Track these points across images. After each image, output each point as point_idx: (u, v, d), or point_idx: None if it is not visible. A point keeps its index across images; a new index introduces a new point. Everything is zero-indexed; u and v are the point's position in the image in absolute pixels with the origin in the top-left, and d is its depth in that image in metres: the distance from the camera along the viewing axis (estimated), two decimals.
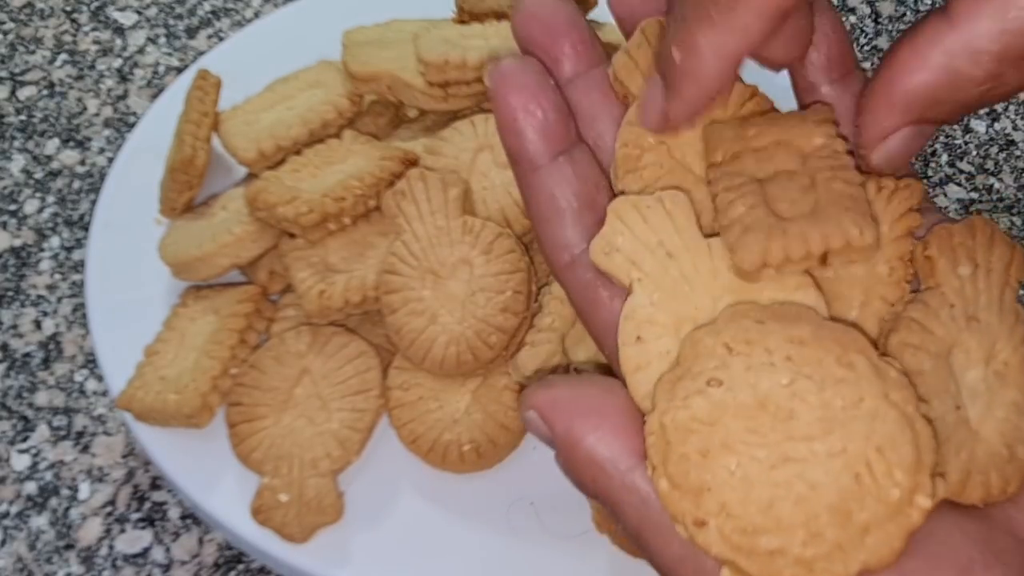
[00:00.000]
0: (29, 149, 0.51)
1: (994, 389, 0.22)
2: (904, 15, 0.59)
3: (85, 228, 0.47)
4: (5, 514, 0.40)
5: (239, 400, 0.36)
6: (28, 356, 0.44)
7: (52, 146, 0.51)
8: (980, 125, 0.54)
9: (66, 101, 0.53)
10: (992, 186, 0.51)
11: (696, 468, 0.20)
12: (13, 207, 0.49)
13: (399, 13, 0.42)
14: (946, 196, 0.51)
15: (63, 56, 0.55)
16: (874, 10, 0.59)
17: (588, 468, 0.22)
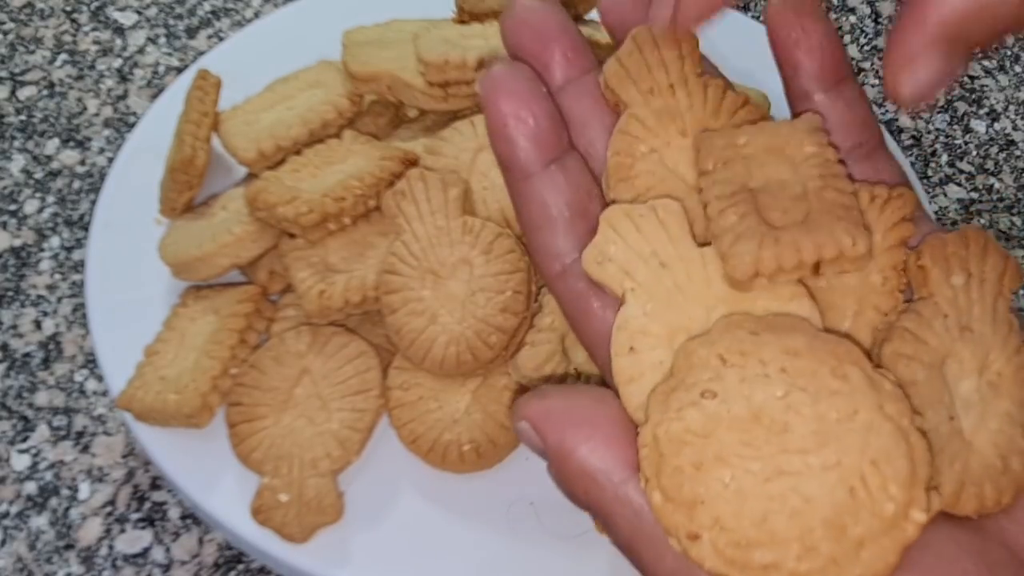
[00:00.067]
0: (29, 149, 0.51)
1: (987, 400, 0.22)
2: None
3: (85, 228, 0.47)
4: (5, 514, 0.40)
5: (239, 400, 0.36)
6: (28, 356, 0.44)
7: (52, 146, 0.51)
8: (980, 125, 0.54)
9: (66, 101, 0.53)
10: (992, 186, 0.51)
11: (690, 481, 0.20)
12: (13, 207, 0.49)
13: (399, 13, 0.42)
14: (946, 196, 0.51)
15: (63, 56, 0.55)
16: (874, 10, 0.59)
17: (580, 480, 0.22)
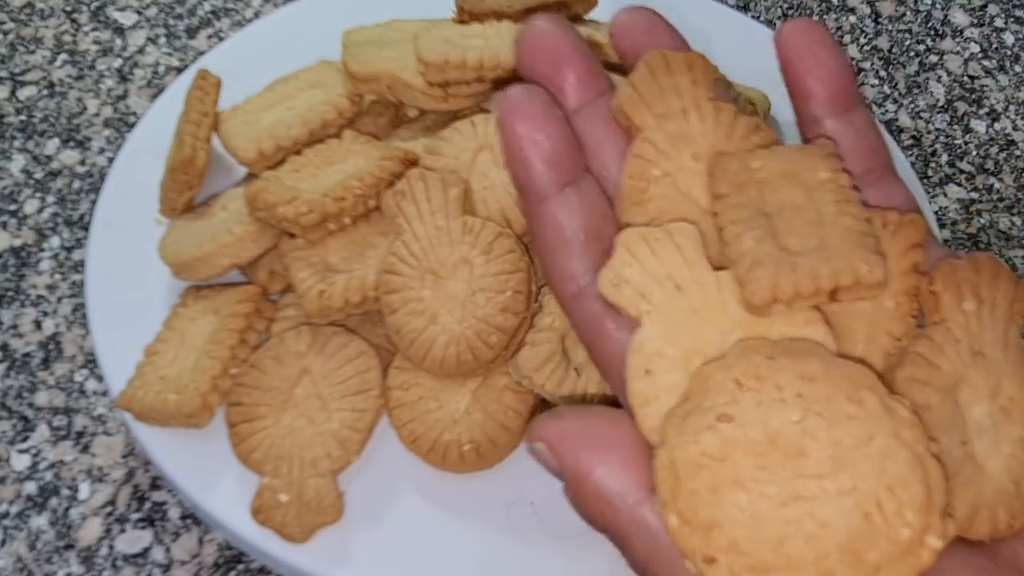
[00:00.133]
0: (29, 149, 0.51)
1: (1000, 425, 0.22)
2: (904, 15, 0.59)
3: (85, 228, 0.47)
4: (5, 514, 0.40)
5: (239, 400, 0.36)
6: (28, 356, 0.44)
7: (52, 146, 0.51)
8: (980, 125, 0.54)
9: (66, 101, 0.53)
10: (992, 186, 0.51)
11: (706, 504, 0.20)
12: (13, 207, 0.49)
13: (399, 13, 0.42)
14: (946, 196, 0.51)
15: (63, 56, 0.55)
16: (874, 10, 0.59)
17: (596, 501, 0.22)
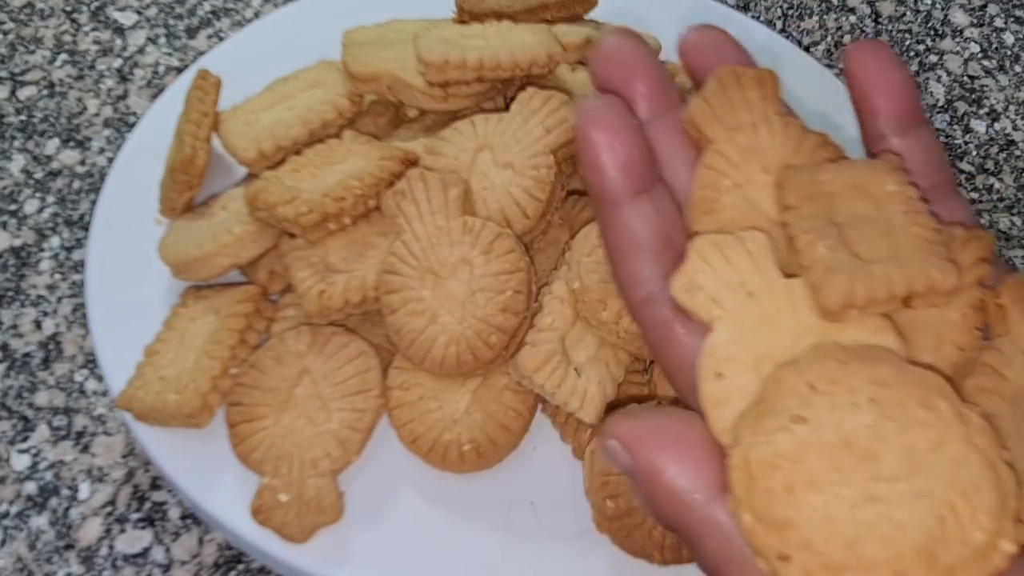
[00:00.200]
0: (29, 149, 0.51)
1: None
2: (904, 15, 0.59)
3: (85, 228, 0.47)
4: (5, 514, 0.40)
5: (239, 400, 0.36)
6: (28, 356, 0.44)
7: (52, 146, 0.51)
8: (980, 125, 0.54)
9: (66, 101, 0.53)
10: (992, 186, 0.51)
11: (780, 503, 0.20)
12: (13, 207, 0.49)
13: (399, 13, 0.42)
14: None
15: (63, 56, 0.55)
16: (874, 10, 0.59)
17: (668, 499, 0.22)
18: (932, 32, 0.58)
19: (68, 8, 0.57)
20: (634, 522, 0.33)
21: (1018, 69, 0.57)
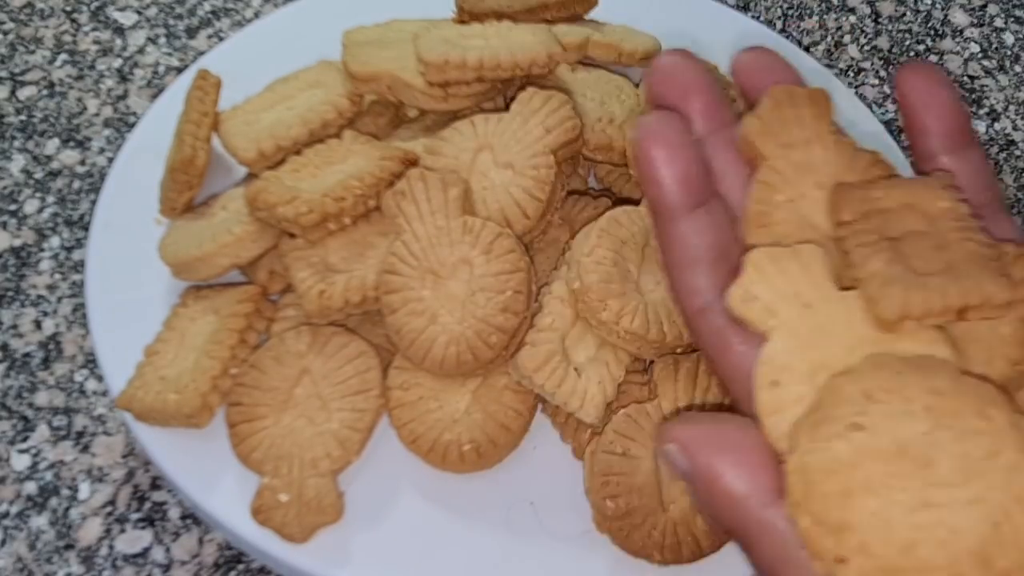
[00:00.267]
0: (29, 149, 0.51)
1: None
2: (904, 15, 0.59)
3: (85, 228, 0.47)
4: (5, 514, 0.40)
5: (239, 400, 0.36)
6: (28, 356, 0.44)
7: (52, 146, 0.51)
8: (980, 125, 0.54)
9: (66, 101, 0.53)
10: None
11: (838, 507, 0.21)
12: (13, 207, 0.49)
13: (399, 13, 0.42)
14: None
15: (63, 56, 0.55)
16: (874, 10, 0.59)
17: (726, 502, 0.23)
18: (932, 32, 0.58)
19: (68, 8, 0.57)
20: (634, 522, 0.33)
21: (1018, 69, 0.57)
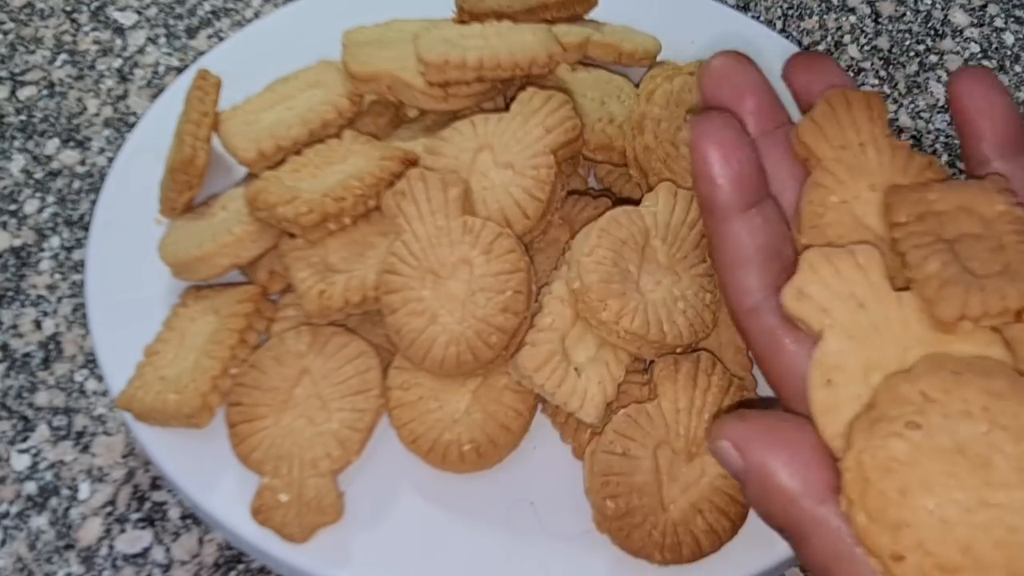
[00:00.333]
0: (29, 149, 0.51)
1: None
2: (904, 15, 0.59)
3: (85, 228, 0.47)
4: (5, 514, 0.40)
5: (239, 400, 0.36)
6: (28, 356, 0.44)
7: (52, 146, 0.51)
8: None
9: (66, 101, 0.53)
10: None
11: (895, 505, 0.21)
12: (13, 207, 0.49)
13: (399, 13, 0.42)
14: None
15: (63, 56, 0.55)
16: (874, 10, 0.59)
17: (779, 499, 0.23)
18: (932, 32, 0.58)
19: (68, 8, 0.57)
20: (634, 522, 0.33)
21: (1018, 69, 0.57)
